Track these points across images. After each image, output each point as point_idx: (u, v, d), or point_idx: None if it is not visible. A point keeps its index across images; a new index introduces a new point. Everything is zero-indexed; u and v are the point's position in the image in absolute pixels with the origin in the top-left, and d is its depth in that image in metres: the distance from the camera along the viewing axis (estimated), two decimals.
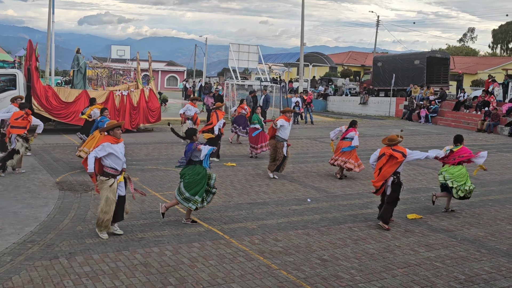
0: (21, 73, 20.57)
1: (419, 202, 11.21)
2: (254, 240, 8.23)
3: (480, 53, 74.72)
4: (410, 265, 7.41)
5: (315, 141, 20.73)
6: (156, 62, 70.25)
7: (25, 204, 9.84)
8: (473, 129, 26.78)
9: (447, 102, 31.68)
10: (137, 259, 7.21)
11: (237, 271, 6.91)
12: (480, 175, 14.32)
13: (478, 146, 20.62)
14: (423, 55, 35.20)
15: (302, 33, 34.78)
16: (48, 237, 7.97)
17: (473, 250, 8.22)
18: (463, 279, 6.98)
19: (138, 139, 18.84)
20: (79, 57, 23.00)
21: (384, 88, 36.11)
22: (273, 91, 30.20)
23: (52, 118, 19.62)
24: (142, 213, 9.50)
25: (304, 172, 14.18)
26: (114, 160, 8.09)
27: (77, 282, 6.35)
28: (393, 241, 8.48)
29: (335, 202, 11.03)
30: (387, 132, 23.48)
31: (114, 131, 8.20)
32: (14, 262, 6.93)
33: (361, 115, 34.07)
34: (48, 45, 27.17)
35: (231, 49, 29.91)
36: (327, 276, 6.89)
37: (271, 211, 10.03)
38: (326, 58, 47.30)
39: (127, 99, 20.93)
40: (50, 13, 27.03)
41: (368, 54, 61.21)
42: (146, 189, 11.38)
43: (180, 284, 6.41)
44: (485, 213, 10.58)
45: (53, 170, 13.01)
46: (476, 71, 48.41)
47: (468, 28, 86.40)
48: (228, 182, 12.46)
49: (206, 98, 29.58)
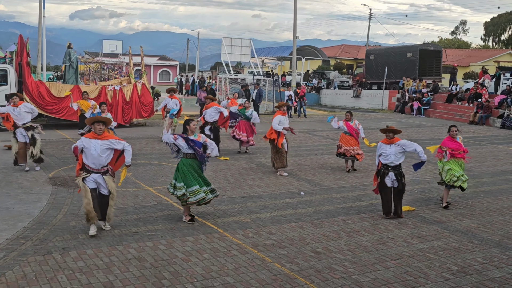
0: (12, 68, 20.43)
1: (412, 194, 11.26)
2: (248, 234, 8.24)
3: (472, 45, 74.88)
4: (403, 257, 7.45)
5: (308, 134, 20.75)
6: (149, 56, 70.04)
7: (18, 200, 9.80)
8: (465, 121, 26.89)
9: (439, 95, 31.79)
10: (131, 253, 7.21)
11: (231, 265, 6.93)
12: (473, 166, 14.41)
13: (471, 138, 20.73)
14: (416, 48, 35.26)
15: (295, 26, 34.75)
16: (41, 233, 7.95)
17: (465, 241, 8.27)
18: (455, 270, 7.02)
19: (131, 134, 18.79)
20: (71, 52, 22.88)
21: (376, 81, 36.19)
22: (266, 85, 30.18)
23: (44, 114, 19.51)
24: (136, 208, 9.49)
25: (298, 165, 14.20)
26: (88, 156, 7.95)
27: (71, 277, 6.34)
28: (386, 233, 8.51)
29: (329, 195, 11.06)
30: (380, 125, 23.53)
31: (94, 126, 8.02)
32: (7, 257, 6.91)
33: (354, 108, 34.12)
34: (39, 40, 27.04)
35: (223, 43, 29.85)
36: (320, 268, 6.91)
37: (265, 205, 10.05)
38: (319, 51, 47.32)
39: (119, 94, 20.88)
40: (41, 7, 26.86)
41: (361, 47, 61.24)
42: (139, 183, 11.36)
43: (174, 278, 6.42)
44: (478, 204, 10.65)
45: (46, 165, 12.95)
46: (468, 64, 48.57)
47: (460, 20, 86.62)
48: (222, 176, 12.46)
49: (199, 92, 29.50)
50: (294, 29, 34.74)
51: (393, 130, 9.45)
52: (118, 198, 9.92)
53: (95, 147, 7.93)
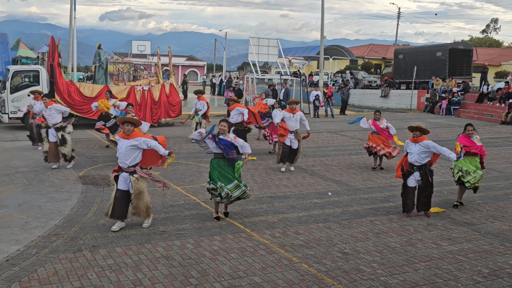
0: (44, 69, 20.86)
1: (442, 195, 11.09)
2: (275, 234, 8.24)
3: (504, 44, 73.28)
4: (432, 259, 7.34)
5: (336, 134, 20.63)
6: (176, 57, 70.47)
7: (49, 198, 10.00)
8: (496, 122, 26.36)
9: (470, 94, 31.23)
10: (159, 252, 7.28)
11: (258, 264, 6.93)
12: (504, 167, 14.13)
13: (503, 138, 20.32)
14: (445, 47, 34.68)
15: (322, 26, 34.57)
16: (72, 230, 8.09)
17: (497, 243, 8.11)
18: (486, 273, 6.89)
19: (159, 134, 18.91)
20: (101, 53, 23.24)
21: (405, 80, 35.73)
22: (293, 85, 30.11)
23: (75, 113, 19.83)
24: (164, 207, 9.58)
25: (325, 165, 14.13)
26: (118, 155, 8.19)
27: (100, 274, 6.44)
28: (415, 235, 8.41)
29: (356, 195, 10.97)
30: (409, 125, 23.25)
31: (123, 126, 8.17)
32: (39, 254, 7.06)
33: (382, 108, 33.77)
34: (70, 41, 27.46)
35: (251, 43, 29.88)
36: (348, 269, 6.87)
37: (292, 205, 10.03)
38: (346, 51, 47.01)
39: (148, 94, 21.11)
40: (72, 9, 27.29)
41: (389, 47, 60.55)
42: (168, 182, 11.47)
43: (201, 277, 6.46)
44: (510, 206, 10.42)
45: (76, 164, 13.18)
46: (500, 63, 47.56)
47: (491, 19, 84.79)
48: (249, 176, 12.48)
49: (226, 92, 29.60)
50: (322, 29, 34.55)
51: (419, 129, 9.33)
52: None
53: (122, 146, 8.11)
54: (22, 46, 42.07)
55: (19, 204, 9.48)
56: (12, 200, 9.73)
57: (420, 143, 9.23)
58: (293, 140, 13.01)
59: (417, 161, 9.24)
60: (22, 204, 9.49)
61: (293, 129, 13.04)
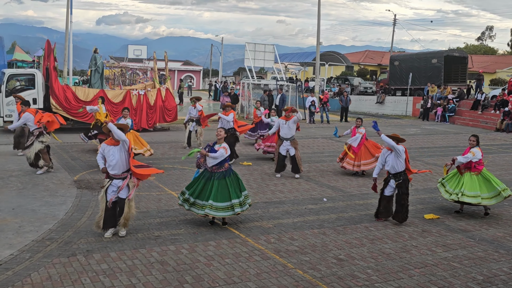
0: (39, 73, 20.79)
1: (436, 202, 11.11)
2: (270, 239, 8.23)
3: (499, 51, 73.64)
4: (427, 265, 7.35)
5: (331, 140, 20.65)
6: (173, 61, 70.48)
7: (43, 202, 9.96)
8: (491, 129, 26.46)
9: (465, 101, 31.35)
10: (153, 257, 7.26)
11: (253, 270, 6.92)
12: (499, 175, 14.16)
13: (497, 145, 20.39)
14: (441, 54, 34.85)
15: (318, 32, 34.69)
16: (66, 235, 8.06)
17: (491, 250, 8.13)
18: (481, 279, 6.90)
19: (155, 138, 18.94)
20: (97, 57, 23.21)
21: (401, 87, 35.86)
22: (289, 91, 30.16)
23: (70, 118, 19.80)
24: (159, 212, 9.56)
25: (320, 171, 14.14)
26: (108, 163, 8.03)
27: (94, 279, 6.41)
28: (410, 241, 8.42)
29: (352, 201, 10.98)
30: (404, 132, 23.34)
31: (111, 133, 8.03)
32: (33, 259, 7.02)
33: (378, 114, 33.86)
34: (66, 45, 27.50)
35: (247, 49, 29.92)
36: (343, 275, 6.86)
37: (287, 210, 10.02)
38: (342, 57, 47.13)
39: (143, 98, 21.10)
40: (68, 13, 27.34)
41: (385, 53, 60.79)
42: (163, 187, 11.45)
43: (196, 282, 6.44)
44: (504, 213, 10.45)
45: (71, 168, 13.14)
46: (494, 70, 47.78)
47: (486, 26, 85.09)
48: (244, 181, 12.43)
49: (222, 98, 29.59)
50: (318, 35, 34.68)
51: (396, 138, 9.27)
52: (141, 202, 10.04)
53: (114, 153, 7.99)
54: (17, 49, 41.99)
55: (13, 208, 9.44)
56: (6, 204, 9.68)
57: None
58: (289, 147, 13.00)
59: (393, 168, 9.27)
60: (16, 208, 9.44)
61: (287, 137, 13.03)
